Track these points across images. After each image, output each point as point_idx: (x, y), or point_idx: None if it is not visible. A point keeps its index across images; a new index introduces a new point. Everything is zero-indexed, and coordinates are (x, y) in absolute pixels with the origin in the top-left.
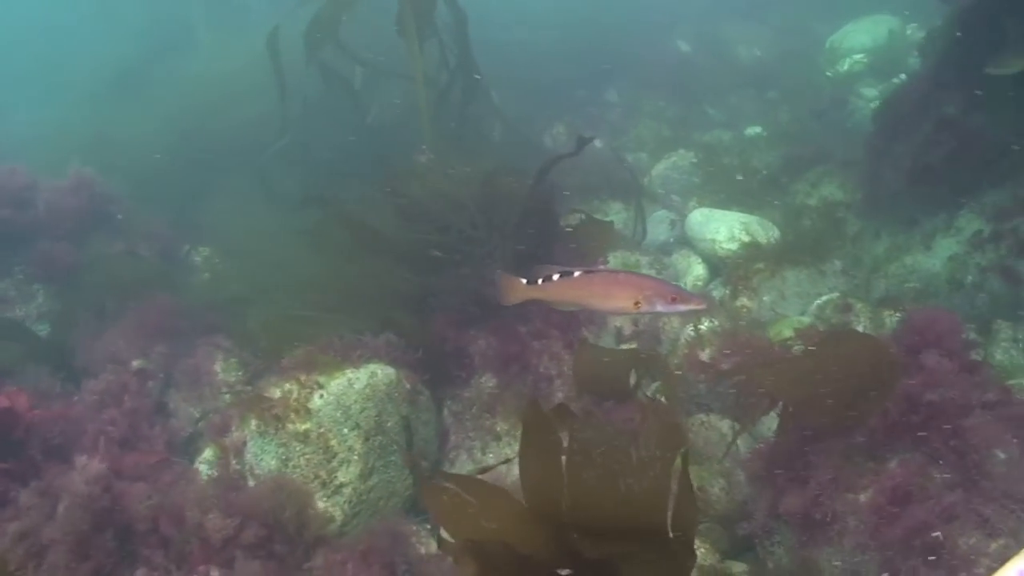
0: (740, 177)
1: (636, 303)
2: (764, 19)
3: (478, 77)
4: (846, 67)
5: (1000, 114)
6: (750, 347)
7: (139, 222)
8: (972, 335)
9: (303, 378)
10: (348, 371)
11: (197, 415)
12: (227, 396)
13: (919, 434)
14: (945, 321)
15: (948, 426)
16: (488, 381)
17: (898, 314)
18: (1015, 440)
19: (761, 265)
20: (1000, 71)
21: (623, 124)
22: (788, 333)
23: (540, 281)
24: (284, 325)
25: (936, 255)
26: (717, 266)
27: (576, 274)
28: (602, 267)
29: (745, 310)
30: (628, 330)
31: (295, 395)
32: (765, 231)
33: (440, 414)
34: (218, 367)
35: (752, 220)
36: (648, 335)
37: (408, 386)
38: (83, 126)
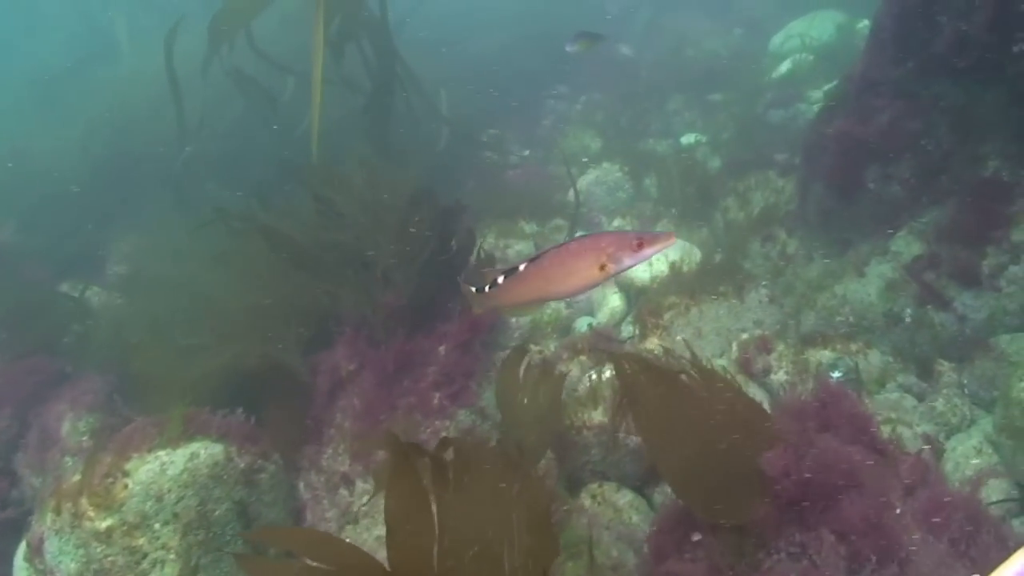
0: (670, 191)
1: (602, 267)
2: (714, 16)
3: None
4: (790, 67)
5: (940, 122)
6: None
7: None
8: (913, 378)
9: (107, 463)
10: (161, 453)
11: (37, 486)
12: (69, 463)
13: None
14: (850, 403)
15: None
16: (347, 443)
17: (827, 351)
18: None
19: (675, 298)
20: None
21: (553, 134)
22: None
23: (487, 288)
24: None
25: (871, 283)
26: (635, 297)
27: (522, 266)
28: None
29: (655, 352)
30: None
31: (96, 485)
32: (687, 255)
33: (297, 488)
34: (65, 428)
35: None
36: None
37: (242, 464)
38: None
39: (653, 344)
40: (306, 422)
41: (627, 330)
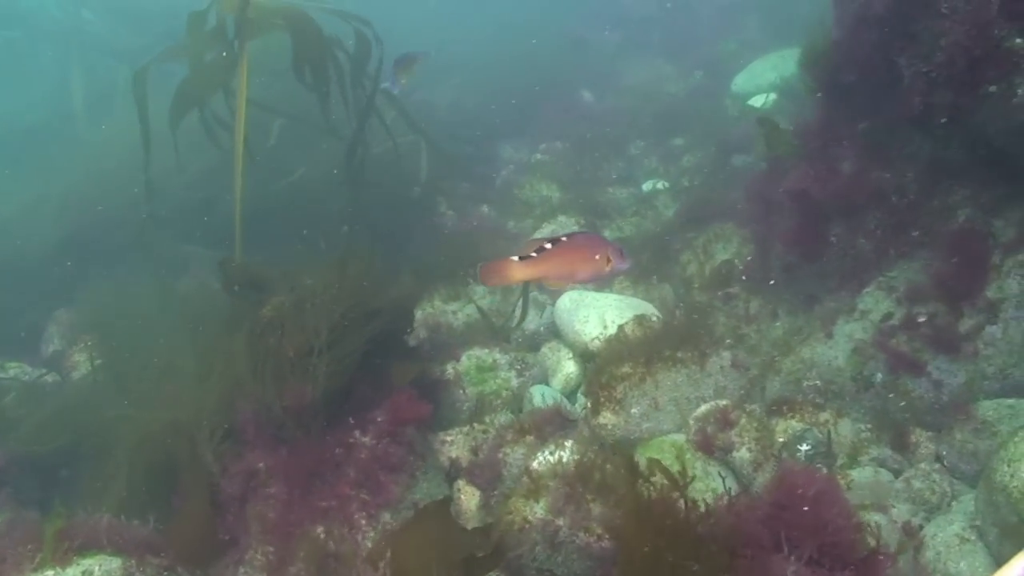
0: (628, 245)
1: (608, 260)
2: (676, 59)
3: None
4: (753, 108)
5: (906, 170)
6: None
7: None
8: (887, 450)
9: None
10: (49, 573)
11: None
12: None
13: None
14: (819, 502)
15: None
16: (261, 556)
17: (794, 421)
18: None
19: (628, 368)
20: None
21: (510, 185)
22: (655, 455)
23: (534, 254)
24: None
25: (838, 345)
26: (590, 363)
27: (563, 238)
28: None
29: (608, 428)
30: (465, 460)
31: None
32: (644, 315)
33: None
34: None
35: (629, 304)
36: (488, 467)
37: None
38: None
39: (605, 419)
40: (218, 530)
41: (580, 401)
